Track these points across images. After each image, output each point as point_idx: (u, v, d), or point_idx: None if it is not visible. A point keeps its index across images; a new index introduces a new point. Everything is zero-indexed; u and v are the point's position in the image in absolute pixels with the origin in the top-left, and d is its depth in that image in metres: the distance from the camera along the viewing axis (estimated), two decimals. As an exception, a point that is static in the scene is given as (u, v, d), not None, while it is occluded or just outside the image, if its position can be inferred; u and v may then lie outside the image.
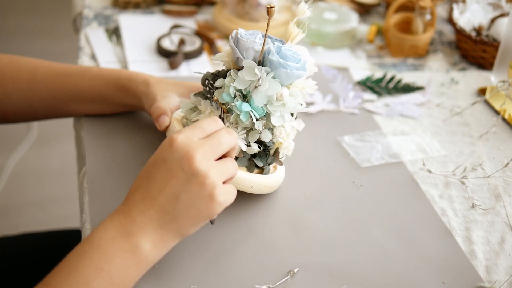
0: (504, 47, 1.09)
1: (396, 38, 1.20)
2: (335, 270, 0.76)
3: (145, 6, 1.30)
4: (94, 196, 0.83)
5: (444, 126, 1.03)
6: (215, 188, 0.66)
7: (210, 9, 1.32)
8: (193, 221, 0.67)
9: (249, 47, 0.78)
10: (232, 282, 0.73)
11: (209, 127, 0.70)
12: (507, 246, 0.82)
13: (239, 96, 0.78)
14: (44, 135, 2.27)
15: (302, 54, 0.80)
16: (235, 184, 0.79)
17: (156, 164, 0.68)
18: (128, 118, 0.97)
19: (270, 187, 0.83)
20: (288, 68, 0.77)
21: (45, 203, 2.06)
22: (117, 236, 0.65)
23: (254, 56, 0.79)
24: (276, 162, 0.84)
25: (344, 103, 1.06)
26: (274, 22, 1.23)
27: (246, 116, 0.78)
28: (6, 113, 0.93)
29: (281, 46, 0.79)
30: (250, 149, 0.80)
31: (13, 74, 0.91)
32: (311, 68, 0.81)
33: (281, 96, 0.77)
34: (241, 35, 0.80)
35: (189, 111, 0.84)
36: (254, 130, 0.79)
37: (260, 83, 0.77)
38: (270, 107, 0.78)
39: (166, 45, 1.16)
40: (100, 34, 1.21)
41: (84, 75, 0.91)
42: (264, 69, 0.77)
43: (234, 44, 0.80)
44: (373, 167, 0.93)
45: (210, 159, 0.67)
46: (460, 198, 0.89)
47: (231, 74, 0.79)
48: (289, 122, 0.82)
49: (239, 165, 0.80)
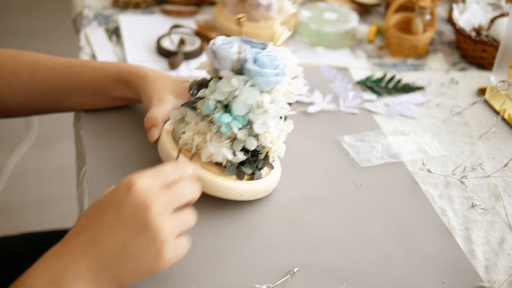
0: (504, 47, 1.09)
1: (396, 38, 1.20)
2: (335, 270, 0.76)
3: (145, 6, 1.30)
4: (94, 196, 0.83)
5: (444, 126, 1.04)
6: (164, 244, 0.61)
7: (210, 9, 1.32)
8: (135, 275, 0.62)
9: (225, 57, 0.77)
10: (232, 282, 0.73)
11: (172, 175, 0.65)
12: (507, 246, 0.82)
13: (220, 107, 0.78)
14: (44, 135, 2.27)
15: (282, 58, 0.79)
16: (223, 194, 0.79)
17: (108, 207, 0.62)
18: (128, 118, 0.97)
19: (261, 192, 0.82)
20: (265, 76, 0.76)
21: (45, 203, 2.06)
22: (46, 285, 0.60)
23: (232, 65, 0.78)
24: (267, 166, 0.83)
25: (344, 103, 1.06)
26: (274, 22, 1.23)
27: (227, 127, 0.77)
28: (7, 106, 0.93)
29: (259, 53, 0.78)
30: (236, 158, 0.79)
31: (15, 68, 0.91)
32: (294, 69, 0.80)
33: (262, 103, 0.77)
34: (217, 44, 0.79)
35: (177, 122, 0.84)
36: (238, 139, 0.79)
37: (238, 93, 0.76)
38: (251, 115, 0.77)
39: (166, 45, 1.16)
40: (100, 34, 1.21)
41: (85, 68, 0.92)
42: (242, 78, 0.77)
43: (211, 54, 0.79)
44: (373, 167, 0.93)
45: (166, 212, 0.62)
46: (460, 198, 0.89)
47: (211, 85, 0.79)
48: (276, 126, 0.81)
49: (228, 174, 0.80)
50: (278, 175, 0.86)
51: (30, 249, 1.06)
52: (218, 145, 0.78)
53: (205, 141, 0.79)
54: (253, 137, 0.79)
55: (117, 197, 0.62)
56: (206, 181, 0.79)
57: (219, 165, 0.81)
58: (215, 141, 0.79)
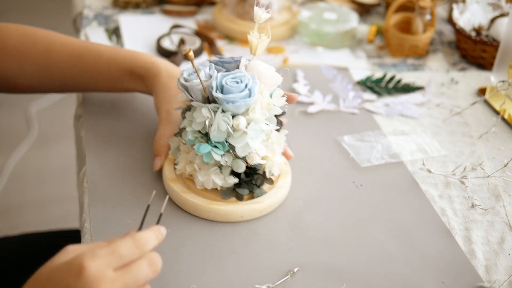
0: (504, 47, 1.09)
1: (396, 38, 1.20)
2: (335, 270, 0.76)
3: (145, 6, 1.30)
4: (94, 196, 0.83)
5: (444, 126, 1.03)
6: None
7: (210, 9, 1.32)
8: None
9: (193, 87, 0.77)
10: (231, 281, 0.73)
11: (129, 255, 0.58)
12: (507, 246, 0.82)
13: (200, 137, 0.77)
14: (44, 135, 2.27)
15: (249, 77, 0.76)
16: (222, 218, 0.80)
17: (53, 286, 0.56)
18: (128, 118, 0.97)
19: (264, 209, 0.82)
20: (233, 101, 0.75)
21: (45, 203, 2.06)
22: None
23: (202, 94, 0.77)
24: (267, 182, 0.82)
25: (344, 103, 1.06)
26: (274, 22, 1.23)
27: (209, 157, 0.77)
28: (18, 86, 0.93)
29: (225, 76, 0.76)
30: (227, 183, 0.79)
31: (28, 49, 0.90)
32: (273, 80, 0.78)
33: (238, 126, 0.75)
34: (184, 76, 0.78)
35: (175, 150, 0.84)
36: (224, 165, 0.78)
37: (210, 121, 0.75)
38: (230, 140, 0.76)
39: (166, 45, 1.16)
40: (100, 34, 1.21)
41: (100, 58, 0.91)
42: (212, 106, 0.76)
43: (181, 87, 0.78)
44: (373, 167, 0.93)
45: None
46: (460, 198, 0.89)
47: (188, 116, 0.78)
48: (262, 143, 0.79)
49: (224, 198, 0.80)
50: (286, 189, 0.85)
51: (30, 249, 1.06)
52: (207, 173, 0.78)
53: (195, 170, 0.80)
54: (240, 160, 0.78)
55: (65, 278, 0.56)
56: (201, 208, 0.80)
57: (217, 190, 0.81)
58: (203, 169, 0.79)
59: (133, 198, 0.83)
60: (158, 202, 0.78)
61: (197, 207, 0.80)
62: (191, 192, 0.81)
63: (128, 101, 1.00)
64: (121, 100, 1.00)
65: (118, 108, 0.99)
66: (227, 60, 0.80)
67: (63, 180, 2.13)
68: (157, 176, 0.87)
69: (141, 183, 0.86)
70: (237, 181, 0.79)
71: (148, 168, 0.88)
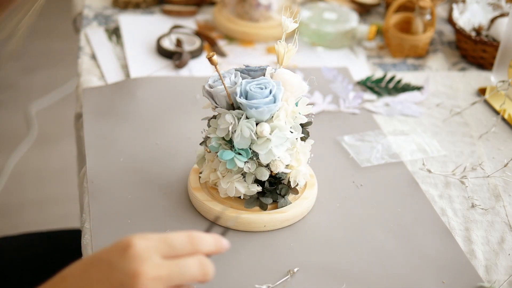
0: (504, 47, 1.09)
1: (396, 38, 1.20)
2: (335, 270, 0.76)
3: (145, 6, 1.30)
4: (94, 196, 0.83)
5: (444, 126, 1.03)
6: None
7: (210, 9, 1.32)
8: None
9: (217, 93, 0.76)
10: (232, 281, 0.73)
11: (181, 247, 0.56)
12: (507, 246, 0.82)
13: (223, 144, 0.77)
14: (44, 135, 2.27)
15: (274, 84, 0.76)
16: (246, 227, 0.79)
17: (100, 263, 0.55)
18: (128, 118, 0.97)
19: (288, 220, 0.81)
20: (256, 107, 0.74)
21: (45, 203, 2.06)
22: None
23: (226, 101, 0.77)
24: (292, 192, 0.81)
25: (344, 103, 1.06)
26: (274, 22, 1.23)
27: (232, 164, 0.76)
28: None
29: (249, 83, 0.76)
30: (250, 191, 0.79)
31: None
32: (299, 89, 0.77)
33: (262, 133, 0.74)
34: (209, 84, 0.78)
35: (200, 160, 0.83)
36: (248, 172, 0.78)
37: (234, 128, 0.75)
38: (254, 147, 0.76)
39: (166, 45, 1.16)
40: (100, 34, 1.21)
41: None
42: (234, 113, 0.75)
43: (206, 94, 0.78)
44: (373, 167, 0.93)
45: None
46: (460, 198, 0.89)
47: (212, 123, 0.78)
48: (287, 152, 0.78)
49: (247, 207, 0.79)
50: (312, 200, 0.84)
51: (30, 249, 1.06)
52: (230, 180, 0.78)
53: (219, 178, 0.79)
54: (264, 168, 0.77)
55: (111, 255, 0.55)
56: (224, 217, 0.79)
57: (240, 199, 0.81)
58: (227, 177, 0.78)
59: (133, 198, 0.83)
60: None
61: None
62: (214, 201, 0.81)
63: (128, 101, 1.00)
64: (121, 100, 1.00)
65: (118, 108, 0.99)
66: (253, 68, 0.79)
67: (63, 180, 2.13)
68: (157, 176, 0.86)
69: (141, 183, 0.86)
70: (260, 190, 0.79)
71: (148, 168, 0.88)
